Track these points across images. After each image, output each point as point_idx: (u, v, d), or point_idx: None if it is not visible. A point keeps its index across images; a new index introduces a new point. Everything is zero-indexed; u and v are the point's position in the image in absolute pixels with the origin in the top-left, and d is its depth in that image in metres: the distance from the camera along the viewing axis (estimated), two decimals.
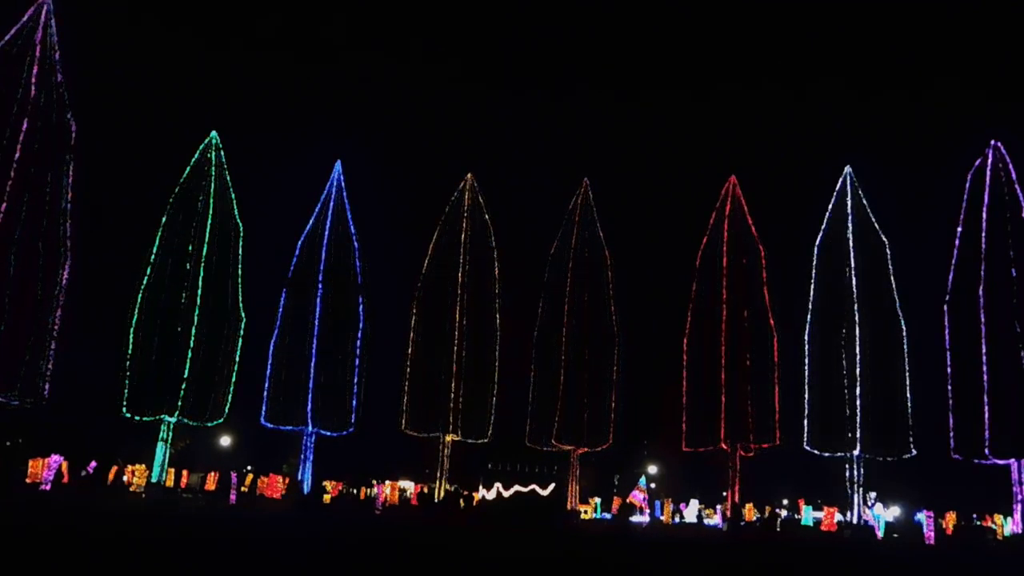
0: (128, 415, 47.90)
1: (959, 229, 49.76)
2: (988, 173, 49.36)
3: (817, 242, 54.70)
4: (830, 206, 55.31)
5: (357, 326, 53.21)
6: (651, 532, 44.21)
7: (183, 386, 47.41)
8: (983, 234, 48.23)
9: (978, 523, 53.14)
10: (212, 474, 50.57)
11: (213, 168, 51.49)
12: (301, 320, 52.91)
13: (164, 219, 50.14)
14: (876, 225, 54.24)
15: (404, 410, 55.54)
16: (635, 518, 49.77)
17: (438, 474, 55.77)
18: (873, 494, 55.72)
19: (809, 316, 53.30)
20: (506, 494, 56.08)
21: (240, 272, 51.08)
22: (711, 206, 56.95)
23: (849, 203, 54.62)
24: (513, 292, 59.63)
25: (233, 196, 51.81)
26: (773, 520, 44.30)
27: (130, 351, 47.88)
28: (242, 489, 46.53)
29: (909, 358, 51.81)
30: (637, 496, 52.44)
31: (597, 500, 62.52)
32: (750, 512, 52.10)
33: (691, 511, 57.99)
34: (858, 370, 50.85)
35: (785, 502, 73.57)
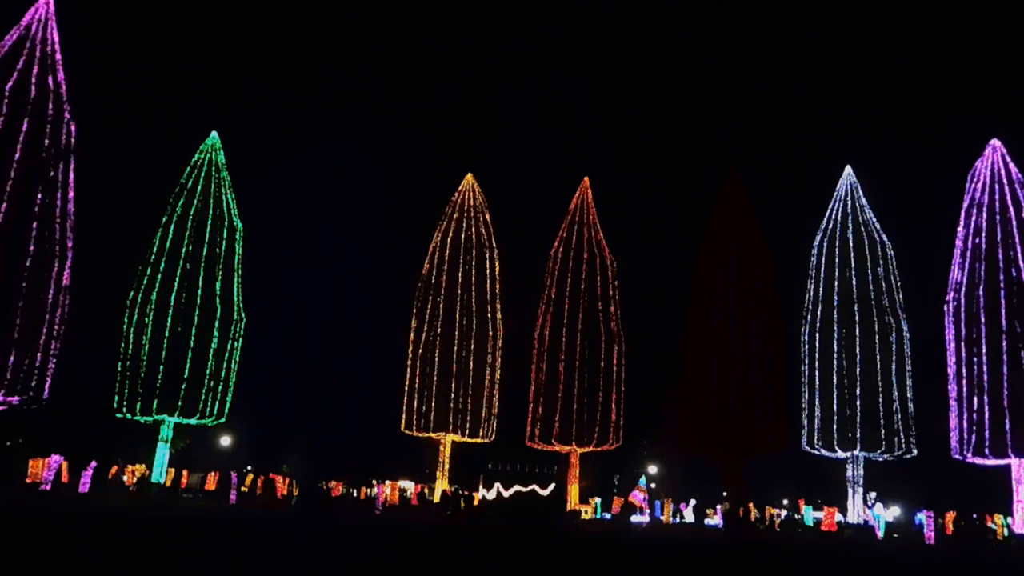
0: (126, 416, 47.95)
1: (959, 229, 49.79)
2: (987, 173, 49.39)
3: (816, 241, 54.76)
4: (830, 206, 55.37)
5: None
6: (651, 532, 44.18)
7: (182, 386, 47.48)
8: (983, 234, 48.23)
9: (978, 522, 53.11)
10: (212, 474, 50.57)
11: (213, 168, 51.55)
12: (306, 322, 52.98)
13: (164, 219, 50.22)
14: (876, 225, 54.29)
15: (404, 410, 55.67)
16: (635, 518, 49.75)
17: (438, 474, 55.82)
18: (873, 494, 55.74)
19: (809, 316, 53.32)
20: (506, 494, 55.97)
21: (240, 272, 51.15)
22: (711, 205, 57.03)
23: (849, 203, 54.67)
24: (513, 292, 59.75)
25: (233, 196, 51.90)
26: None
27: (130, 351, 47.98)
28: (242, 489, 46.49)
29: (909, 358, 51.85)
30: (637, 496, 52.37)
31: (597, 500, 62.51)
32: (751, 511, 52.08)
33: (691, 511, 57.96)
34: (858, 370, 50.89)
35: (785, 502, 73.56)
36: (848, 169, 56.02)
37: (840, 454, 51.22)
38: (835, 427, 50.70)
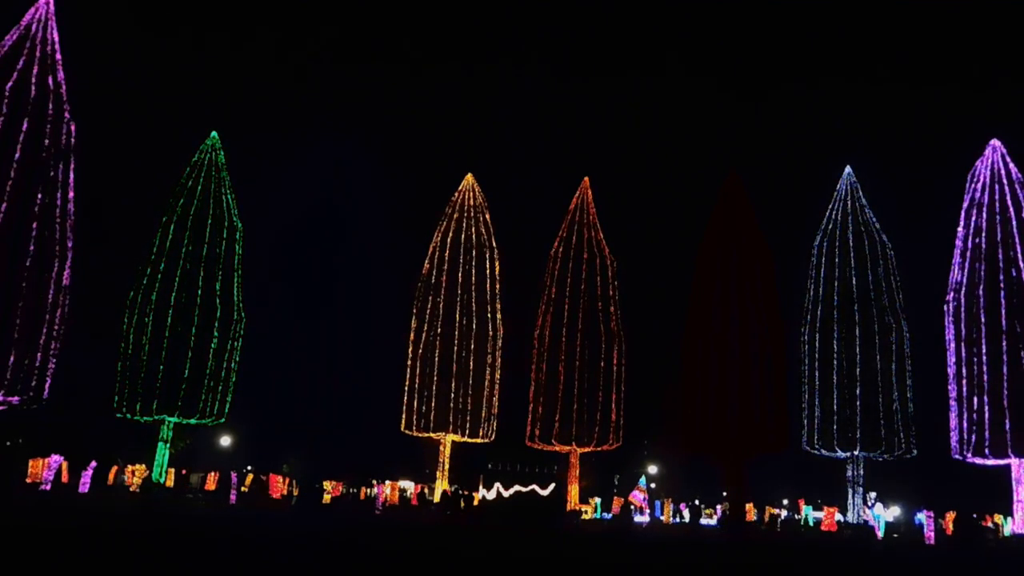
0: (126, 416, 47.88)
1: (959, 229, 49.77)
2: (987, 173, 49.38)
3: (816, 241, 54.73)
4: (830, 206, 55.35)
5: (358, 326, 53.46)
6: (651, 532, 44.17)
7: (182, 386, 47.43)
8: (983, 234, 48.22)
9: (977, 521, 53.10)
10: (212, 474, 50.54)
11: (213, 168, 51.48)
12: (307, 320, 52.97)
13: (164, 219, 50.14)
14: (876, 225, 54.26)
15: (404, 410, 55.66)
16: (635, 518, 49.79)
17: (438, 474, 55.81)
18: (873, 494, 55.74)
19: (809, 316, 53.30)
20: (506, 494, 55.95)
21: (240, 272, 51.07)
22: (711, 205, 57.00)
23: (849, 203, 54.65)
24: (513, 292, 59.77)
25: (233, 196, 51.83)
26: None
27: (129, 351, 47.93)
28: (242, 489, 46.44)
29: (909, 358, 51.83)
30: (637, 496, 52.41)
31: (597, 500, 62.55)
32: (750, 512, 52.13)
33: (689, 511, 58.06)
34: (858, 370, 50.87)
35: (785, 502, 73.60)
36: (848, 169, 56.00)
37: (840, 454, 51.20)
38: (835, 427, 50.69)
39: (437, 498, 50.75)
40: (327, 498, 48.85)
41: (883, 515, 51.23)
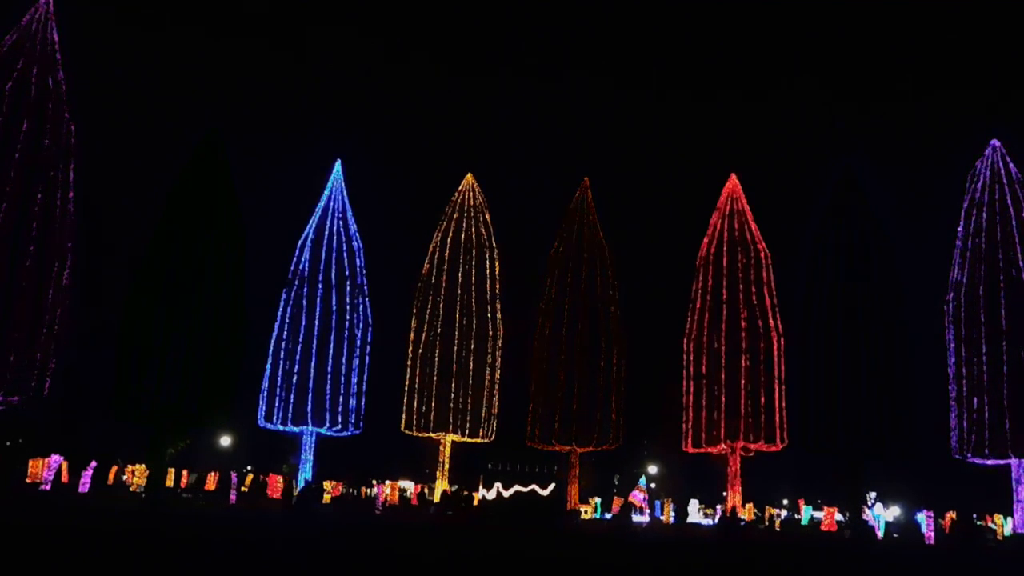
0: (123, 418, 47.55)
1: (959, 229, 49.72)
2: (987, 172, 49.35)
3: (816, 241, 54.56)
4: (830, 205, 55.21)
5: (358, 326, 53.34)
6: (651, 532, 44.18)
7: (185, 388, 47.13)
8: (983, 234, 48.18)
9: (978, 523, 53.13)
10: (212, 474, 50.49)
11: (213, 168, 51.20)
12: (302, 321, 52.97)
13: (164, 219, 49.82)
14: (876, 224, 54.12)
15: (404, 410, 55.65)
16: (635, 518, 49.83)
17: (438, 474, 55.80)
18: (873, 494, 55.67)
19: (808, 316, 53.15)
20: (506, 494, 56.02)
21: (242, 273, 50.78)
22: (711, 205, 56.99)
23: (850, 203, 54.49)
24: (513, 292, 59.77)
25: (235, 196, 51.54)
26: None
27: (129, 351, 47.64)
28: (242, 489, 46.42)
29: (910, 358, 51.72)
30: (637, 496, 52.40)
31: (597, 500, 62.57)
32: (749, 512, 52.12)
33: (691, 511, 58.06)
34: (858, 370, 50.73)
35: (785, 502, 73.64)
36: (849, 168, 55.86)
37: (842, 454, 51.02)
38: (834, 427, 50.53)
39: (437, 498, 50.75)
40: (327, 498, 48.89)
41: (883, 515, 51.18)
